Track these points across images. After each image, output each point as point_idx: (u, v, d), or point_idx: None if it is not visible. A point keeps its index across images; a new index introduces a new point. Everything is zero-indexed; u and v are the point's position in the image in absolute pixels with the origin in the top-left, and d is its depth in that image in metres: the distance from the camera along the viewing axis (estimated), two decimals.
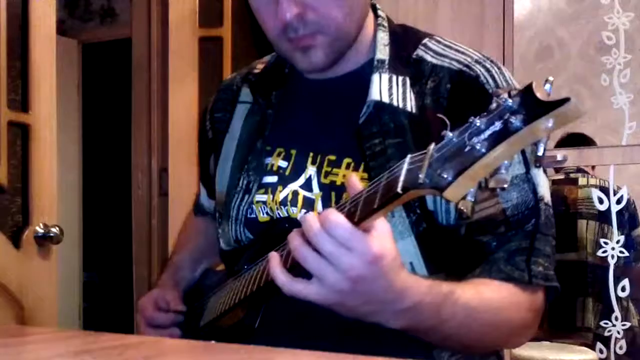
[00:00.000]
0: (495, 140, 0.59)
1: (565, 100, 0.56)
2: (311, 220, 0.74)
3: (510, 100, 0.59)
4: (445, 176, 0.62)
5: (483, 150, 0.60)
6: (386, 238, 0.74)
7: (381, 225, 0.74)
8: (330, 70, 0.99)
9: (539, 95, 0.57)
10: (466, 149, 0.61)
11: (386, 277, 0.74)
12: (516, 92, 0.59)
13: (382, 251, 0.73)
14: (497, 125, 0.59)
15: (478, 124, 0.60)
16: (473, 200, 0.63)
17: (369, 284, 0.74)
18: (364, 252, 0.72)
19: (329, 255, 0.73)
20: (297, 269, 0.77)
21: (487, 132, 0.60)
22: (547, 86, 0.59)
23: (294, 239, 0.76)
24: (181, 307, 1.10)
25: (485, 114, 0.60)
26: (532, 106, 0.57)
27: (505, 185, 0.61)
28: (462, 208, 0.63)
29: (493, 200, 0.90)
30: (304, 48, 0.93)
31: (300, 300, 0.77)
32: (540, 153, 0.59)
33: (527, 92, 0.58)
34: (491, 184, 0.61)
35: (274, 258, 0.79)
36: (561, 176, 2.76)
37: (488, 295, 0.85)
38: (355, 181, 0.77)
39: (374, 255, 0.72)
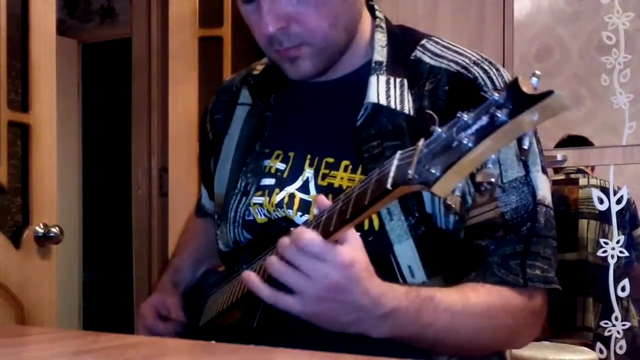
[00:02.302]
0: (482, 134, 0.59)
1: (550, 92, 0.56)
2: (284, 240, 0.77)
3: (496, 95, 0.59)
4: (434, 171, 0.62)
5: (470, 144, 0.60)
6: (357, 248, 0.77)
7: (352, 237, 0.77)
8: (327, 73, 0.99)
9: (524, 89, 0.57)
10: (454, 144, 0.61)
11: (361, 283, 0.76)
12: (503, 86, 0.59)
13: (353, 259, 0.75)
14: (484, 119, 0.59)
15: (465, 119, 0.61)
16: (461, 196, 0.63)
17: (346, 291, 0.76)
18: (337, 260, 0.75)
19: (304, 268, 0.75)
20: (276, 284, 0.79)
21: (474, 127, 0.60)
22: (534, 79, 0.59)
23: (270, 259, 0.79)
24: (181, 318, 1.10)
25: (473, 108, 0.61)
26: (517, 100, 0.58)
27: (493, 180, 0.61)
28: (449, 203, 0.63)
29: (492, 204, 0.90)
30: (290, 59, 0.93)
31: None
32: (525, 146, 0.60)
33: (513, 86, 0.58)
34: (478, 178, 0.62)
35: (250, 276, 0.81)
36: (562, 177, 2.76)
37: (475, 300, 0.86)
38: (324, 201, 0.79)
39: (346, 262, 0.75)
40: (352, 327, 0.80)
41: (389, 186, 0.67)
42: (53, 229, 1.83)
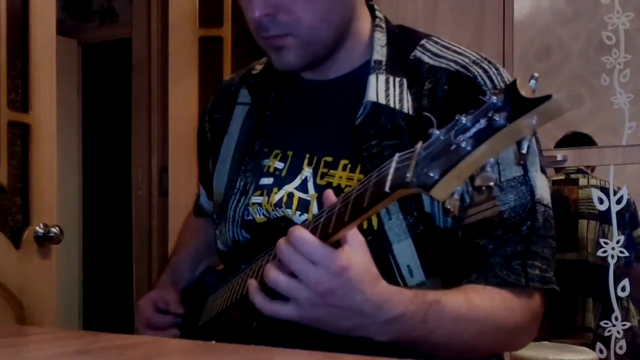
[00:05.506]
0: (480, 138, 0.59)
1: (548, 97, 0.56)
2: (280, 241, 0.76)
3: (495, 98, 0.59)
4: (432, 175, 0.62)
5: (468, 148, 0.60)
6: (356, 250, 0.76)
7: (353, 238, 0.76)
8: (326, 72, 0.98)
9: (522, 92, 0.57)
10: (452, 147, 0.61)
11: (358, 288, 0.75)
12: (501, 90, 0.59)
13: (347, 263, 0.74)
14: (482, 122, 0.59)
15: (464, 122, 0.61)
16: (459, 198, 0.63)
17: (340, 297, 0.75)
18: (329, 265, 0.73)
19: (298, 272, 0.74)
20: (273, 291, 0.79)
21: (473, 130, 0.60)
22: (532, 82, 0.59)
23: (267, 265, 0.78)
24: (180, 310, 1.10)
25: (471, 111, 0.60)
26: (515, 103, 0.57)
27: (492, 183, 0.61)
28: (448, 207, 0.63)
29: (490, 202, 0.89)
30: (276, 48, 0.94)
31: None
32: (524, 151, 0.59)
33: (511, 89, 0.58)
34: (477, 182, 0.61)
35: (250, 284, 0.81)
36: (562, 177, 2.76)
37: (478, 303, 0.85)
38: (331, 196, 0.78)
39: (339, 267, 0.73)
40: (354, 332, 0.79)
41: (387, 189, 0.67)
42: (53, 229, 1.83)
